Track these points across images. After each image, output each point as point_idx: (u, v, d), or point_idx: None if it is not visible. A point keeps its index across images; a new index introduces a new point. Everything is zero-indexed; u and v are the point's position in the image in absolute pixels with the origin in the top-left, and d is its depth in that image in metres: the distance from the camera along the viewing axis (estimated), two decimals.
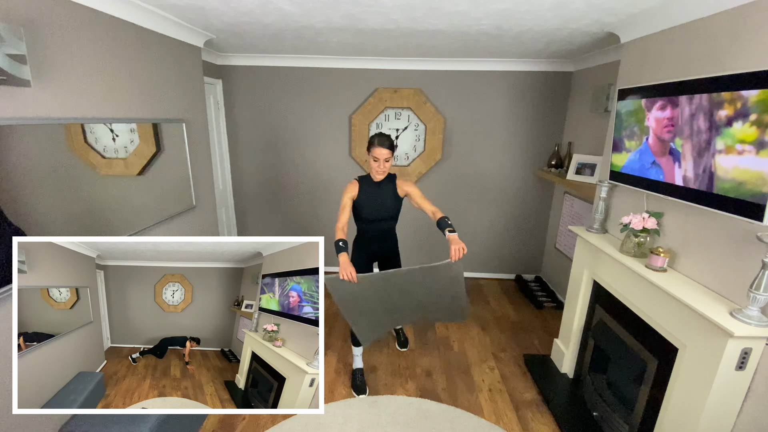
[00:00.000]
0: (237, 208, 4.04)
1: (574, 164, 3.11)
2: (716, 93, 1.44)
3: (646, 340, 1.80)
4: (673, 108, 1.66)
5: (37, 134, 1.49)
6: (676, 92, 1.63)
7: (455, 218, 3.94)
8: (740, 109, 1.34)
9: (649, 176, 1.82)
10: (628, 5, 1.82)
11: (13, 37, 1.30)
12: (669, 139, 1.69)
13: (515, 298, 3.70)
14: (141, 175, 2.12)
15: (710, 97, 1.46)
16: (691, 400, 1.49)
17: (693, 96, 1.54)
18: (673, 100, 1.65)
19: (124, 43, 1.97)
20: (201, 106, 2.76)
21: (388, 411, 2.22)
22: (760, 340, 1.33)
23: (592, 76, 3.10)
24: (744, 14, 1.44)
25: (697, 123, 1.52)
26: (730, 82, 1.39)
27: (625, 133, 1.99)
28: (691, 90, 1.55)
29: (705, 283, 1.60)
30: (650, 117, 1.79)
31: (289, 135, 3.77)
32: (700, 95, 1.51)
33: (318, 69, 3.56)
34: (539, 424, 2.17)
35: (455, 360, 2.73)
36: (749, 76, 1.31)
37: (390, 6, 1.97)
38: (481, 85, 3.53)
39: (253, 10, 2.07)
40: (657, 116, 1.75)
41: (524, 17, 2.09)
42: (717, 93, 1.43)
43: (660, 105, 1.73)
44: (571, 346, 2.45)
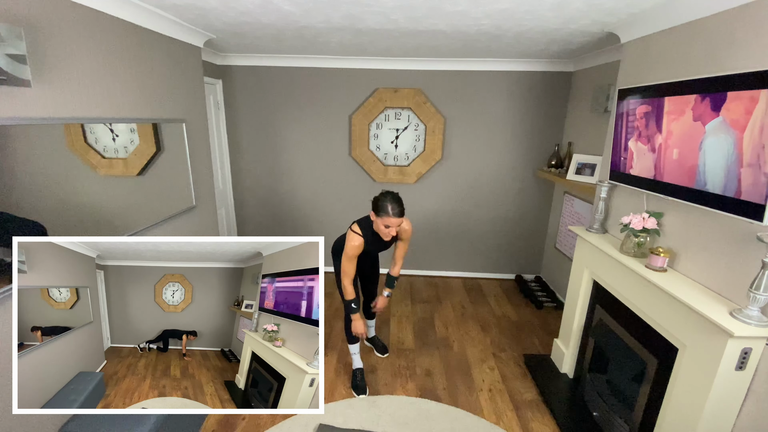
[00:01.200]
0: (237, 208, 4.04)
1: (574, 164, 3.11)
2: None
3: (646, 340, 1.80)
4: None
5: (37, 134, 1.49)
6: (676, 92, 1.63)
7: (455, 218, 3.94)
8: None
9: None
10: (628, 5, 1.82)
11: (13, 37, 1.30)
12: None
13: (515, 298, 3.70)
14: (141, 175, 2.12)
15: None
16: (691, 400, 1.49)
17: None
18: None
19: (125, 43, 1.97)
20: (201, 106, 2.76)
21: (388, 411, 2.22)
22: (760, 340, 1.32)
23: (592, 76, 3.10)
24: (744, 14, 1.44)
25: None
26: (730, 82, 1.39)
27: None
28: (692, 90, 1.55)
29: (705, 283, 1.60)
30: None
31: (288, 135, 3.77)
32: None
33: (318, 69, 3.56)
34: (539, 424, 2.17)
35: (455, 360, 2.72)
36: (749, 76, 1.31)
37: (390, 6, 1.97)
38: (481, 85, 3.53)
39: (253, 10, 2.07)
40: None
41: (524, 17, 2.09)
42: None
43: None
44: (571, 346, 2.45)
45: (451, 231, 3.98)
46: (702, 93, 1.51)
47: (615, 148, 2.09)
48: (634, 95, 1.92)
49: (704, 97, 1.50)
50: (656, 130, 1.77)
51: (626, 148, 1.99)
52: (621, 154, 2.04)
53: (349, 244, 2.10)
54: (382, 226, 2.02)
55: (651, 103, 1.80)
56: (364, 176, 3.87)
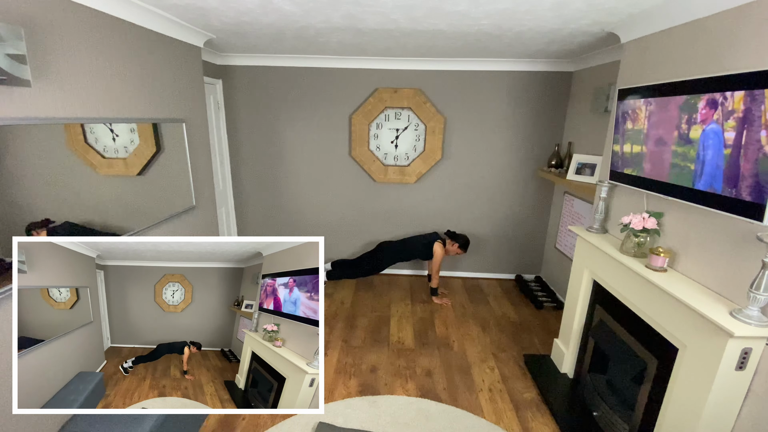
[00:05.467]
0: (237, 208, 4.04)
1: (574, 164, 3.11)
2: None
3: (646, 340, 1.80)
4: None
5: (37, 134, 1.49)
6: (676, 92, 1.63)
7: (455, 218, 3.94)
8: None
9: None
10: (628, 5, 1.82)
11: (13, 37, 1.30)
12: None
13: (515, 298, 3.70)
14: (141, 175, 2.12)
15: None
16: (691, 400, 1.49)
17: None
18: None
19: (125, 43, 1.97)
20: (201, 106, 2.76)
21: (388, 411, 2.22)
22: (760, 340, 1.33)
23: (592, 76, 3.10)
24: (744, 14, 1.44)
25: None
26: (730, 81, 1.39)
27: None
28: (692, 90, 1.55)
29: (705, 283, 1.60)
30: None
31: (289, 135, 3.77)
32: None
33: (318, 69, 3.56)
34: (539, 424, 2.17)
35: (455, 360, 2.73)
36: (749, 76, 1.31)
37: (390, 6, 1.97)
38: (481, 85, 3.54)
39: (253, 10, 2.07)
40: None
41: (524, 17, 2.09)
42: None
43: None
44: (571, 346, 2.45)
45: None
46: (702, 93, 1.51)
47: (615, 148, 2.09)
48: (634, 95, 1.92)
49: (704, 96, 1.50)
50: (656, 130, 1.76)
51: (626, 148, 1.99)
52: (621, 153, 2.04)
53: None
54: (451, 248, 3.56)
55: (651, 103, 1.80)
56: (364, 176, 3.87)
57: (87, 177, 1.76)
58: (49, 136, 1.54)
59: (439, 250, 3.48)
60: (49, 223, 1.40)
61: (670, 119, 1.68)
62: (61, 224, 1.49)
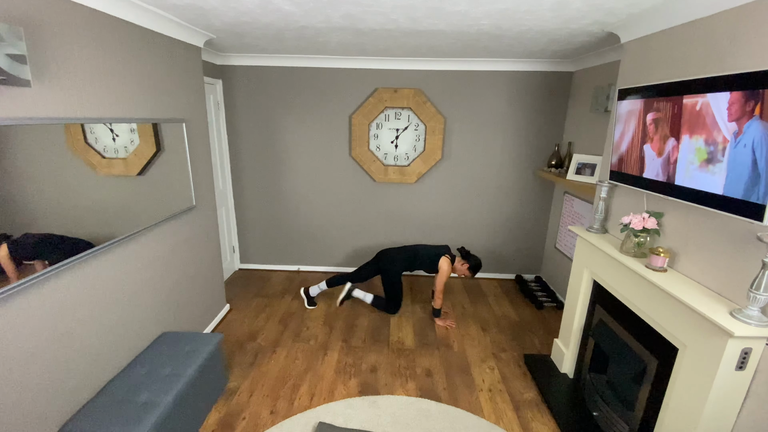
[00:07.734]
0: (237, 208, 4.04)
1: (574, 164, 3.11)
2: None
3: (646, 340, 1.80)
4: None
5: (37, 134, 1.49)
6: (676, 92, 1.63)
7: (455, 218, 3.94)
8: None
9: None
10: (628, 5, 1.82)
11: (13, 37, 1.30)
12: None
13: (515, 298, 3.70)
14: (141, 175, 2.12)
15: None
16: (691, 400, 1.49)
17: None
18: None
19: (124, 43, 1.97)
20: (201, 106, 2.76)
21: (388, 411, 2.22)
22: (760, 340, 1.33)
23: (592, 76, 3.10)
24: (744, 14, 1.44)
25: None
26: (730, 81, 1.39)
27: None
28: (692, 90, 1.55)
29: (705, 283, 1.60)
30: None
31: (288, 135, 3.77)
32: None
33: (318, 69, 3.56)
34: (539, 424, 2.17)
35: (455, 360, 2.72)
36: (749, 76, 1.31)
37: (390, 6, 1.97)
38: (481, 85, 3.53)
39: (253, 10, 2.07)
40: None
41: (524, 17, 2.09)
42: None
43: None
44: (571, 346, 2.45)
45: (451, 231, 3.99)
46: (702, 92, 1.51)
47: (614, 148, 2.09)
48: (634, 95, 1.92)
49: (705, 96, 1.50)
50: (656, 130, 1.76)
51: (626, 148, 1.99)
52: (621, 153, 2.04)
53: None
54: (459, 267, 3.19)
55: (651, 103, 1.80)
56: (364, 176, 3.87)
57: (87, 177, 1.76)
58: (49, 136, 1.54)
59: (446, 266, 3.10)
60: (7, 237, 1.35)
61: (670, 118, 1.68)
62: (21, 236, 1.42)
